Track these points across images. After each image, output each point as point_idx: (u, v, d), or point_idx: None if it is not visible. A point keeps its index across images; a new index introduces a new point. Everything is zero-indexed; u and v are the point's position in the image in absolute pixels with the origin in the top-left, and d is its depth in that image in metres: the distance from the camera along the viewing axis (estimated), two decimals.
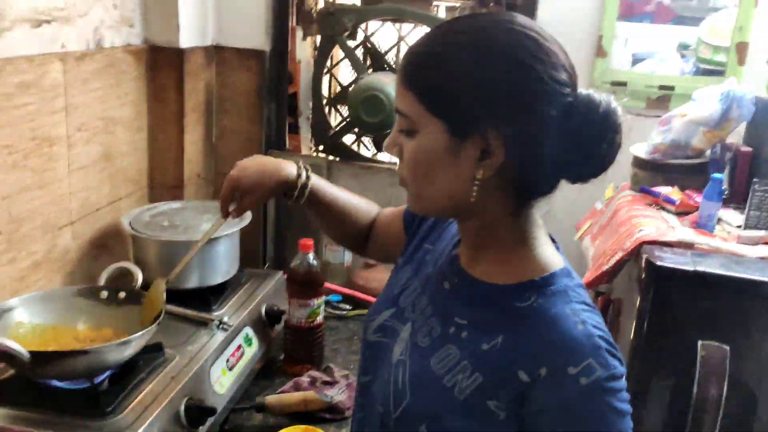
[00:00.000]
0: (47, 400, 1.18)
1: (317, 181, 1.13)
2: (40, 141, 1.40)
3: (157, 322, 1.27)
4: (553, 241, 0.89)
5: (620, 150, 0.80)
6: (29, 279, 1.43)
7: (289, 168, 1.12)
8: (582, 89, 0.80)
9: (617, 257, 1.34)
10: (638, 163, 1.67)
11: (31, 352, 1.11)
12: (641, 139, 1.71)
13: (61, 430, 1.12)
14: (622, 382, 0.76)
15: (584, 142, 0.78)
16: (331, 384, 1.54)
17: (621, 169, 1.75)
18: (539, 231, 0.86)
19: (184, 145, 1.87)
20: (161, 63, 1.80)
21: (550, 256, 0.85)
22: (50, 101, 1.42)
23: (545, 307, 0.79)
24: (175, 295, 1.56)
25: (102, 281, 1.42)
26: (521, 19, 0.80)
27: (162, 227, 1.62)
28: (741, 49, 1.80)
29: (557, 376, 0.74)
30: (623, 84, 1.88)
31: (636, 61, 2.18)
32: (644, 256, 1.23)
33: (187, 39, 1.82)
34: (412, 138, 0.82)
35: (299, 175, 1.11)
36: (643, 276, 1.22)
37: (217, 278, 1.65)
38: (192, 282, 1.61)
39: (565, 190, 0.84)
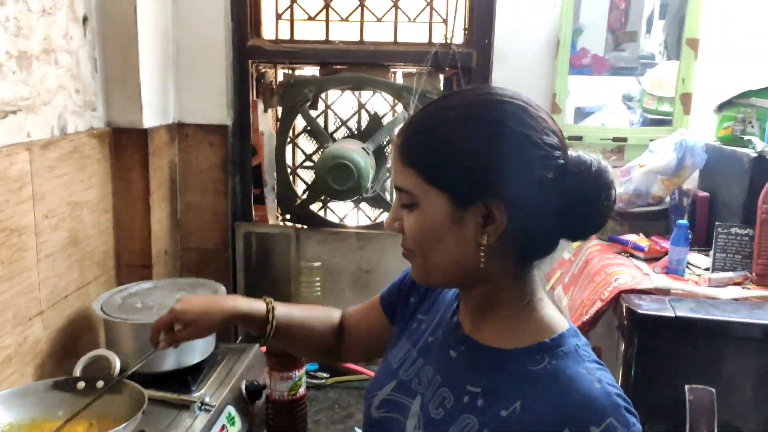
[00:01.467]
0: None
1: (281, 309, 1.12)
2: (9, 232, 1.37)
3: (141, 410, 1.23)
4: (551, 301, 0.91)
5: (615, 204, 0.83)
6: (1, 375, 1.37)
7: (238, 302, 1.11)
8: (572, 151, 0.83)
9: (596, 307, 1.37)
10: None
11: None
12: None
13: None
14: None
15: (581, 200, 0.80)
16: None
17: None
18: (542, 292, 0.88)
19: (150, 223, 1.85)
20: (125, 144, 1.79)
21: (556, 317, 0.86)
22: (17, 191, 1.39)
23: (560, 368, 0.79)
24: (153, 379, 1.52)
25: (78, 371, 1.37)
26: (509, 91, 0.84)
27: (135, 309, 1.59)
28: (685, 99, 1.90)
29: None
30: (579, 138, 1.96)
31: (582, 113, 2.27)
32: (624, 305, 1.26)
33: (150, 119, 1.83)
34: (414, 211, 0.84)
35: (268, 311, 1.09)
36: (626, 324, 1.24)
37: (195, 358, 1.61)
38: (168, 364, 1.56)
39: None
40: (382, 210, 2.11)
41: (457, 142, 0.80)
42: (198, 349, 1.62)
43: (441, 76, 2.04)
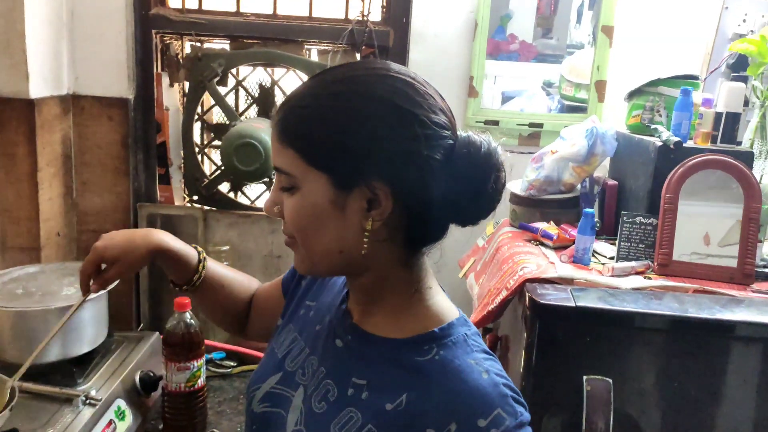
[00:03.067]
0: None
1: (211, 262, 1.06)
2: None
3: (9, 407, 1.13)
4: (441, 288, 0.86)
5: (505, 187, 0.79)
6: None
7: (166, 237, 1.03)
8: (461, 131, 0.79)
9: (502, 296, 1.34)
10: (515, 199, 1.71)
11: None
12: (516, 176, 1.75)
13: None
14: (529, 429, 0.74)
15: (470, 183, 0.76)
16: None
17: (500, 205, 1.78)
18: (432, 280, 0.84)
19: (38, 202, 1.71)
20: (9, 116, 1.65)
21: (445, 306, 0.83)
22: None
23: (447, 359, 0.76)
24: (34, 370, 1.41)
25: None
26: (395, 66, 0.78)
27: (15, 295, 1.47)
28: (600, 87, 1.89)
29: (468, 429, 0.72)
30: (495, 123, 1.93)
31: (505, 98, 2.26)
32: (527, 295, 1.23)
33: (37, 89, 1.69)
34: (294, 194, 0.78)
35: (200, 261, 1.03)
36: (528, 314, 1.22)
37: (83, 347, 1.50)
38: (52, 354, 1.45)
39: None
40: None
41: (339, 120, 0.74)
42: (86, 338, 1.51)
43: (357, 55, 1.97)
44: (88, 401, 1.37)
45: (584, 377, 1.18)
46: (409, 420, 0.74)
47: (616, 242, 1.46)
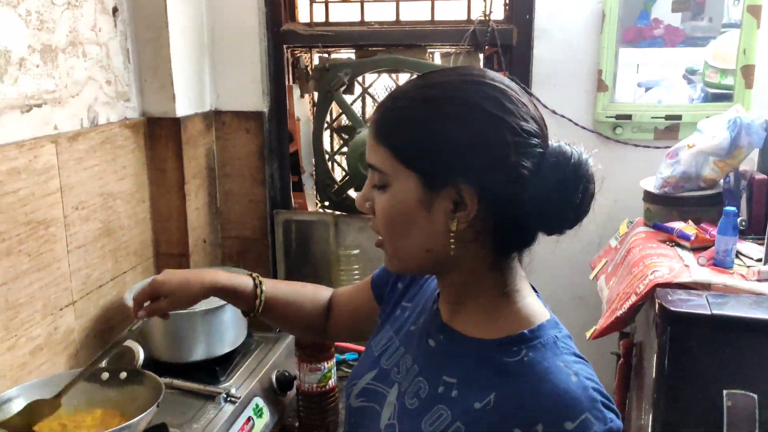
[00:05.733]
0: None
1: (269, 287, 1.11)
2: (35, 225, 1.39)
3: (156, 404, 1.24)
4: (534, 290, 0.88)
5: (594, 199, 0.79)
6: (31, 365, 1.40)
7: (219, 276, 1.10)
8: (553, 141, 0.79)
9: (631, 301, 1.27)
10: (649, 197, 1.61)
11: None
12: (650, 173, 1.65)
13: None
14: None
15: (557, 192, 0.77)
16: None
17: (634, 203, 1.69)
18: (522, 282, 0.85)
19: (186, 212, 1.86)
20: (159, 134, 1.81)
21: (536, 308, 0.83)
22: (44, 184, 1.42)
23: (536, 361, 0.77)
24: (181, 369, 1.54)
25: (104, 362, 1.39)
26: (491, 73, 0.80)
27: None
28: (747, 72, 1.74)
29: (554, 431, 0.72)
30: (628, 117, 1.83)
31: (642, 89, 2.13)
32: (657, 301, 1.16)
33: (183, 108, 1.83)
34: (385, 192, 0.81)
35: (256, 286, 1.09)
36: (659, 321, 1.15)
37: (224, 347, 1.61)
38: (198, 354, 1.57)
39: (577, 226, 0.81)
40: None
41: (430, 123, 0.77)
42: (228, 339, 1.62)
43: (480, 56, 1.95)
44: (229, 398, 1.46)
45: (724, 392, 1.09)
46: (497, 419, 0.75)
47: (765, 242, 1.33)
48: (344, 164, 2.10)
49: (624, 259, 1.51)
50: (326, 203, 2.10)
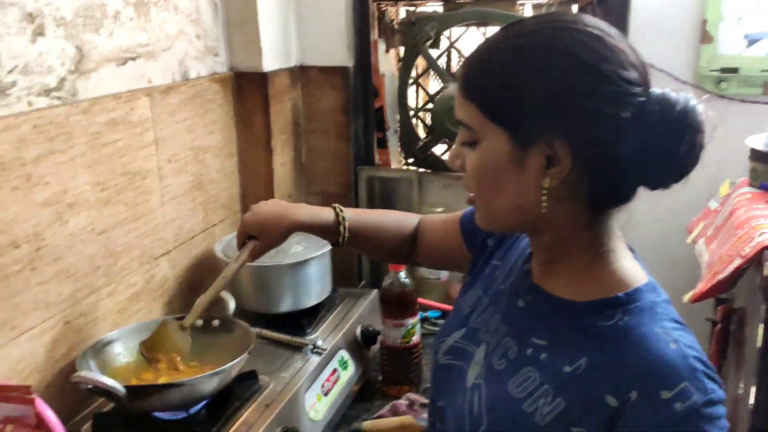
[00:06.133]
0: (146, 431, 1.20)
1: (353, 217, 1.13)
2: (131, 175, 1.44)
3: (248, 351, 1.26)
4: (632, 250, 0.84)
5: (703, 151, 0.74)
6: (129, 310, 1.46)
7: (302, 213, 1.13)
8: (656, 88, 0.74)
9: (735, 264, 1.20)
10: (757, 156, 1.51)
11: (127, 387, 1.12)
12: (758, 130, 1.55)
13: None
14: (721, 408, 0.69)
15: (660, 144, 0.72)
16: None
17: (738, 163, 1.59)
18: (618, 242, 0.81)
19: (273, 167, 1.88)
20: (246, 88, 1.82)
21: (633, 270, 0.80)
22: (139, 136, 1.45)
23: (632, 326, 0.74)
24: (269, 320, 1.57)
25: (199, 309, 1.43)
26: (586, 18, 0.75)
27: None
28: None
29: (649, 400, 0.68)
30: (734, 70, 1.71)
31: (751, 42, 1.99)
32: (766, 264, 1.09)
33: (270, 62, 1.83)
34: (475, 149, 0.79)
35: (338, 217, 1.12)
36: (766, 286, 1.08)
37: (311, 300, 1.63)
38: (285, 306, 1.60)
39: (674, 187, 0.77)
40: None
41: (519, 75, 0.74)
42: (314, 292, 1.64)
43: (574, 7, 1.86)
44: (315, 350, 1.49)
45: None
46: (587, 385, 0.73)
47: None
48: (429, 120, 2.07)
49: (726, 221, 1.43)
50: (410, 160, 2.08)
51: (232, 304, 1.44)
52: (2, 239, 1.12)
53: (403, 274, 1.56)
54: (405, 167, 2.11)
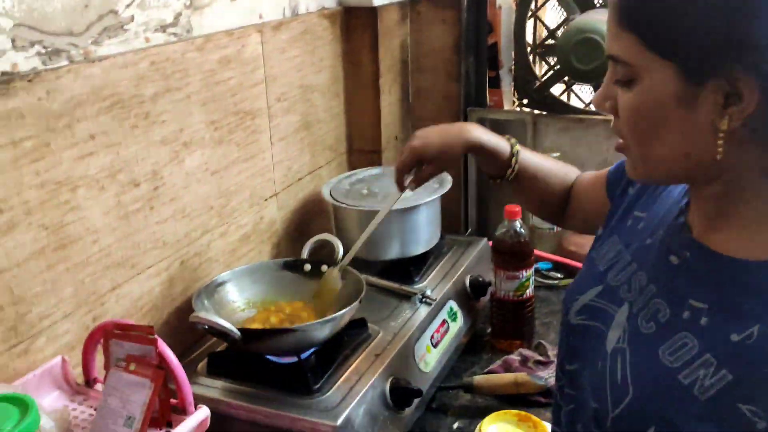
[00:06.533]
0: (258, 374, 1.19)
1: (524, 153, 1.07)
2: (242, 114, 1.40)
3: (359, 299, 1.23)
4: None
5: None
6: (239, 251, 1.45)
7: (479, 133, 1.07)
8: None
9: None
10: None
11: (242, 330, 1.11)
12: None
13: (271, 405, 1.12)
14: None
15: None
16: (544, 364, 1.42)
17: None
18: None
19: (380, 107, 1.81)
20: (355, 24, 1.74)
21: None
22: (250, 74, 1.41)
23: None
24: (377, 267, 1.53)
25: (305, 254, 1.41)
26: None
27: (361, 195, 1.58)
28: None
29: None
30: None
31: None
32: None
33: None
34: (632, 88, 0.68)
35: (512, 154, 1.05)
36: None
37: (419, 248, 1.58)
38: (392, 253, 1.55)
39: None
40: None
41: None
42: (422, 239, 1.58)
43: None
44: (424, 300, 1.43)
45: None
46: (760, 356, 0.64)
47: None
48: (549, 57, 1.92)
49: None
50: (525, 101, 1.95)
51: (340, 249, 1.40)
52: (123, 177, 1.12)
53: (518, 223, 1.48)
54: (519, 109, 1.99)
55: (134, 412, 0.86)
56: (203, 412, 0.91)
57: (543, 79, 1.91)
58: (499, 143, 1.07)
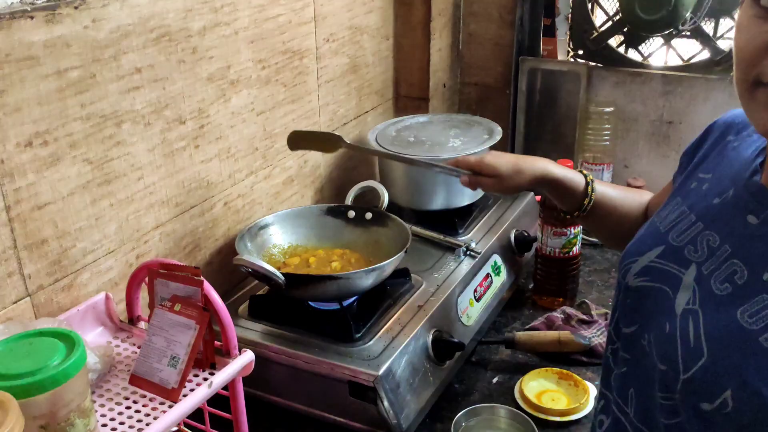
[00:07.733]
0: (300, 319, 1.18)
1: (598, 186, 1.04)
2: (290, 54, 1.36)
3: (405, 249, 1.20)
4: None
5: None
6: (283, 195, 1.43)
7: (551, 166, 1.04)
8: None
9: None
10: None
11: (286, 276, 1.09)
12: None
13: (312, 351, 1.11)
14: None
15: None
16: (588, 323, 1.38)
17: None
18: None
19: (430, 53, 1.74)
20: None
21: None
22: (300, 11, 1.36)
23: None
24: (421, 217, 1.49)
25: (349, 200, 1.38)
26: None
27: (408, 143, 1.53)
28: None
29: None
30: None
31: None
32: None
33: None
34: None
35: (588, 184, 1.03)
36: None
37: (464, 200, 1.53)
38: (437, 203, 1.51)
39: None
40: (701, 47, 1.73)
41: None
42: (468, 191, 1.53)
43: None
44: (468, 252, 1.40)
45: None
46: None
47: None
48: (610, 6, 1.83)
49: None
50: (580, 52, 1.87)
51: (385, 197, 1.37)
52: (169, 113, 1.09)
53: None
54: (573, 59, 1.90)
55: (179, 353, 0.85)
56: (248, 356, 0.90)
57: (601, 30, 1.81)
58: (573, 176, 1.05)
